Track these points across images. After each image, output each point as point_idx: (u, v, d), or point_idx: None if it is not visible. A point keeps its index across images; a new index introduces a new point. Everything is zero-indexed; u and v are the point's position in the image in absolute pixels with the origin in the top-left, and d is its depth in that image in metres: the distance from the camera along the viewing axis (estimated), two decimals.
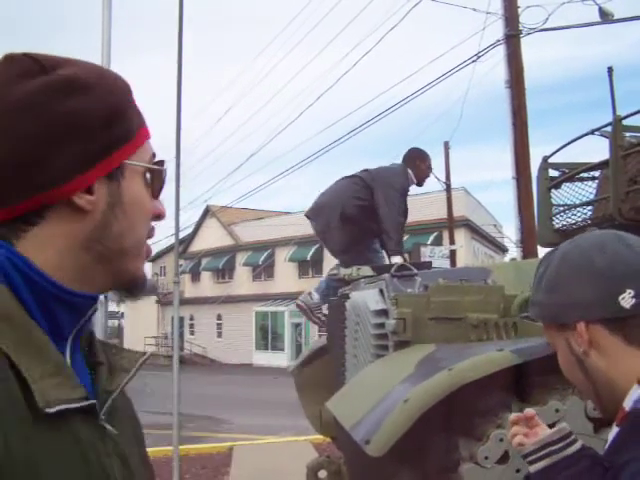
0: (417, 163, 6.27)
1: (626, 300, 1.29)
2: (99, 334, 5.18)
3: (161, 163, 1.08)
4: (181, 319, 45.49)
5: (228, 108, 40.43)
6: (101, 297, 1.09)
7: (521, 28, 12.30)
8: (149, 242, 1.09)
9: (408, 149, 6.39)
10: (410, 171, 6.17)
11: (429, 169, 6.42)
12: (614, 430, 1.29)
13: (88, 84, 0.97)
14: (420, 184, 6.39)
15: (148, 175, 1.05)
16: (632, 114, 4.46)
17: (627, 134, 4.53)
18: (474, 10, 13.07)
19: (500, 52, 12.22)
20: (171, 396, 6.92)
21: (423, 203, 36.98)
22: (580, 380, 1.42)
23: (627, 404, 1.24)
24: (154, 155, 1.07)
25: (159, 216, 1.08)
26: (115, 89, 1.01)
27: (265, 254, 43.89)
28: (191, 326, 49.33)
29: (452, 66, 13.47)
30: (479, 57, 12.85)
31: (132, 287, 1.07)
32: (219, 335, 47.31)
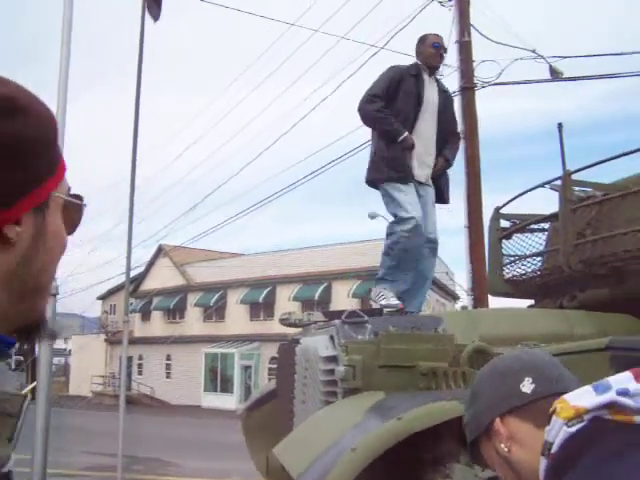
0: (419, 49, 5.70)
1: (526, 386, 1.44)
2: (44, 372, 5.07)
3: (80, 198, 1.02)
4: (130, 359, 44.81)
5: (185, 147, 40.38)
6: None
7: (476, 81, 12.57)
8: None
9: None
10: (419, 61, 5.62)
11: (434, 47, 5.66)
12: None
13: (24, 107, 0.91)
14: (434, 66, 5.69)
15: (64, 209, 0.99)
16: (581, 169, 4.57)
17: (576, 188, 4.63)
18: None
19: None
20: (116, 437, 6.80)
21: (376, 249, 37.18)
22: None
23: (540, 474, 1.29)
24: (70, 189, 1.01)
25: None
26: (47, 115, 0.96)
27: (217, 295, 43.61)
28: (139, 366, 48.60)
29: None
30: None
31: (35, 330, 0.97)
32: (168, 376, 46.67)
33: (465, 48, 12.53)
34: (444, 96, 5.76)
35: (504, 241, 5.36)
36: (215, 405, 39.63)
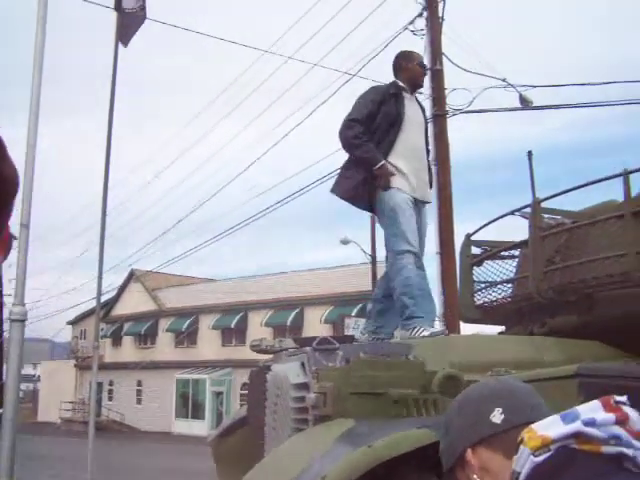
0: (403, 65, 5.58)
1: (496, 417, 1.46)
2: (12, 398, 5.01)
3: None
4: (100, 384, 44.38)
5: (157, 173, 40.36)
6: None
7: (448, 109, 12.71)
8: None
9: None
10: (399, 81, 5.50)
11: (420, 66, 5.67)
12: None
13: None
14: (415, 85, 5.67)
15: None
16: (550, 197, 4.61)
17: (546, 216, 4.67)
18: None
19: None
20: (85, 464, 6.72)
21: (348, 275, 37.29)
22: None
23: None
24: None
25: None
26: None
27: (189, 321, 43.39)
28: (110, 392, 48.14)
29: None
30: None
31: None
32: (138, 402, 46.27)
33: (437, 76, 12.67)
34: (424, 115, 5.74)
35: (475, 268, 5.39)
36: (186, 431, 39.33)
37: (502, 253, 5.33)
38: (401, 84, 5.50)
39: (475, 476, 1.47)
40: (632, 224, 3.98)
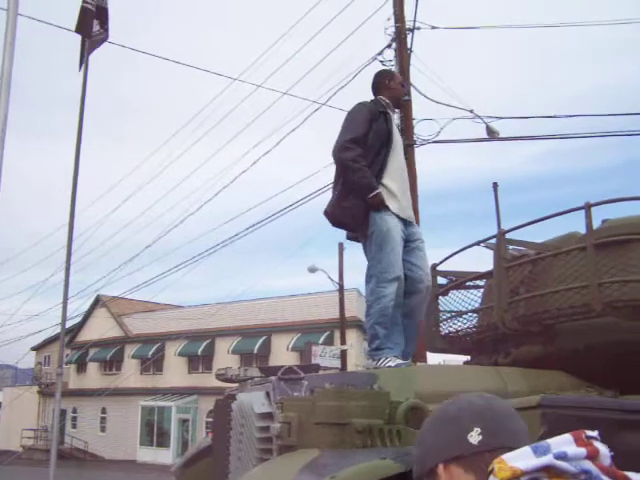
0: (386, 83, 5.53)
1: (474, 437, 1.42)
2: None
3: None
4: (63, 411, 43.76)
5: (125, 198, 40.19)
6: None
7: (415, 139, 12.84)
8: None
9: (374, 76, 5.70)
10: (382, 97, 5.46)
11: (401, 84, 5.65)
12: None
13: None
14: (398, 105, 5.69)
15: None
16: (515, 228, 4.67)
17: (510, 247, 4.73)
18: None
19: None
20: None
21: (316, 303, 37.30)
22: None
23: None
24: None
25: None
26: None
27: (155, 347, 43.04)
28: (74, 419, 47.48)
29: None
30: None
31: None
32: (102, 429, 45.69)
33: (405, 106, 12.79)
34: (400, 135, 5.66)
35: (441, 297, 5.43)
36: (151, 459, 38.87)
37: (467, 283, 5.38)
38: (387, 101, 5.46)
39: None
40: (594, 256, 4.04)
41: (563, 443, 1.22)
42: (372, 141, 5.13)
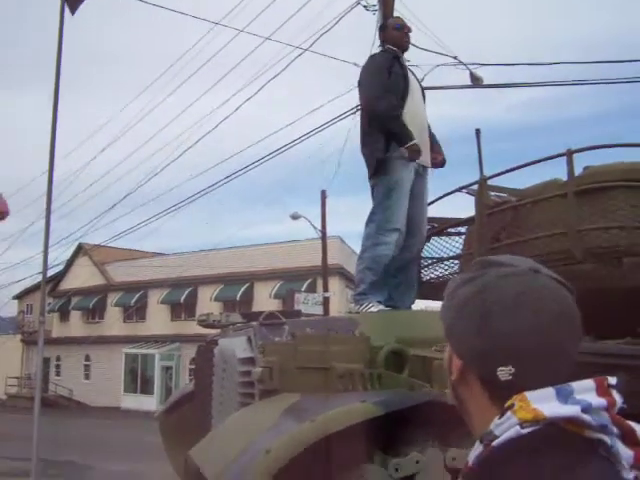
0: (385, 37, 5.61)
1: (504, 374, 1.19)
2: None
3: None
4: (47, 360, 43.90)
5: (106, 145, 39.81)
6: None
7: None
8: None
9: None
10: (389, 46, 5.49)
11: (396, 29, 5.56)
12: None
13: None
14: (404, 49, 5.53)
15: None
16: (496, 175, 4.68)
17: (492, 193, 4.73)
18: (355, 65, 13.40)
19: None
20: (31, 440, 6.64)
21: (298, 250, 37.35)
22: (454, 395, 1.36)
23: (470, 458, 1.24)
24: None
25: None
26: None
27: (137, 295, 43.11)
28: (57, 367, 47.65)
29: (332, 117, 13.78)
30: (358, 109, 13.15)
31: None
32: (86, 377, 45.91)
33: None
34: (418, 81, 5.64)
35: None
36: (135, 406, 39.15)
37: (449, 230, 5.39)
38: (394, 49, 5.45)
39: (453, 376, 1.31)
40: (574, 203, 4.05)
41: (586, 390, 1.15)
42: (391, 86, 5.15)
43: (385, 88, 5.11)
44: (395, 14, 13.05)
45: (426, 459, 2.80)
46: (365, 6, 13.34)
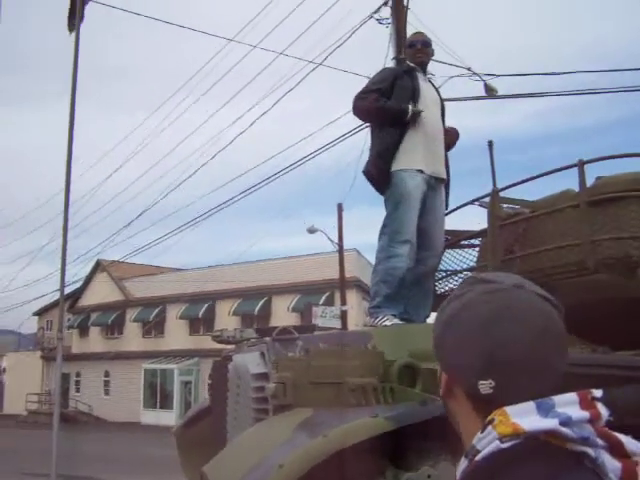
0: (406, 52, 5.81)
1: (484, 388, 1.22)
2: None
3: None
4: (66, 375, 44.07)
5: (123, 161, 40.05)
6: None
7: None
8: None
9: None
10: (409, 62, 5.58)
11: (410, 47, 5.69)
12: None
13: None
14: (417, 63, 5.55)
15: None
16: (509, 186, 4.67)
17: (504, 205, 4.73)
18: (368, 78, 13.45)
19: None
20: (51, 456, 6.69)
21: (315, 263, 37.37)
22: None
23: (457, 472, 1.25)
24: None
25: None
26: None
27: (156, 310, 43.24)
28: (77, 383, 47.82)
29: (346, 130, 13.82)
30: None
31: None
32: (106, 392, 46.02)
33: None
34: (439, 95, 5.66)
35: None
36: (154, 421, 39.19)
37: (462, 242, 5.39)
38: (412, 64, 5.53)
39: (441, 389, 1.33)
40: (587, 213, 4.05)
41: (568, 403, 1.16)
42: (397, 96, 5.23)
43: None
44: (408, 27, 13.10)
45: (438, 473, 2.80)
46: (378, 19, 13.39)
